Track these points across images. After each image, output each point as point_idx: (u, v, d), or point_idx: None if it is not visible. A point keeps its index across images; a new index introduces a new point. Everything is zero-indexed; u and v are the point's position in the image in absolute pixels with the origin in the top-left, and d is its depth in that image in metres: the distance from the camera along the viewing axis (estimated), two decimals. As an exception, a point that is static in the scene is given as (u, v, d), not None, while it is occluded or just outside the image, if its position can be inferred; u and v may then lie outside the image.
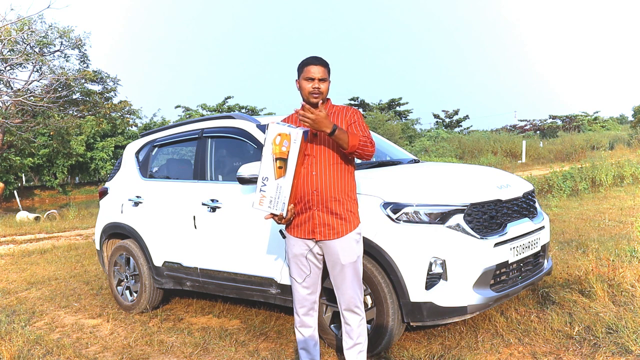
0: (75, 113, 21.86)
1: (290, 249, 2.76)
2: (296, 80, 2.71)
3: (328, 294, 3.26)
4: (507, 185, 3.52)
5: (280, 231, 2.83)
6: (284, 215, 2.59)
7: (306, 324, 2.83)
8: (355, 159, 2.72)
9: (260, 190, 2.58)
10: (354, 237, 2.68)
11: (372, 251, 3.10)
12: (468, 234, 3.05)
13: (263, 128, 3.90)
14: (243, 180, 3.44)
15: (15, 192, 25.45)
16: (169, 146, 4.94)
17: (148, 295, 4.58)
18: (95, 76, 21.02)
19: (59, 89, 18.43)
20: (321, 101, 2.66)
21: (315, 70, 2.63)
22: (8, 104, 18.48)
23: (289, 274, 2.88)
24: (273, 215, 2.63)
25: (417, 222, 3.05)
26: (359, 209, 2.81)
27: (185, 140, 4.59)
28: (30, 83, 18.27)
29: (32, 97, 17.32)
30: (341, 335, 3.23)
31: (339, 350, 3.29)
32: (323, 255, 2.73)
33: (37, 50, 18.59)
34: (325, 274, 2.82)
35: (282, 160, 2.51)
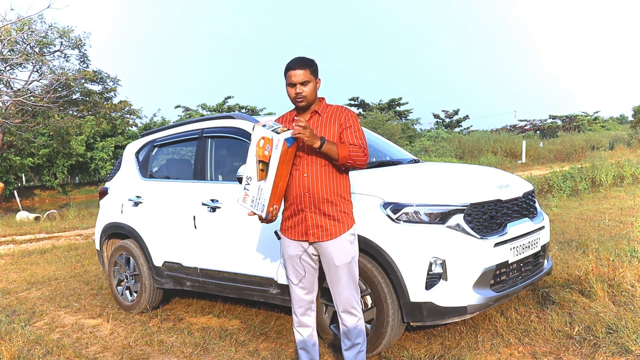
0: (75, 113, 21.86)
1: (285, 251, 2.76)
2: (285, 85, 2.71)
3: (327, 294, 3.25)
4: (507, 185, 3.52)
5: (275, 232, 2.83)
6: (263, 216, 2.59)
7: (304, 324, 2.83)
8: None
9: (244, 188, 2.60)
10: (347, 238, 2.67)
11: (372, 251, 3.10)
12: (468, 234, 3.05)
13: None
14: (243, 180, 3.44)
15: (15, 192, 25.45)
16: (169, 146, 4.94)
17: (148, 295, 4.58)
18: (95, 76, 21.01)
19: (59, 89, 18.41)
20: (305, 103, 2.64)
21: (296, 75, 2.60)
22: (8, 104, 18.48)
23: (285, 275, 2.87)
24: (254, 214, 2.64)
25: (417, 222, 3.05)
26: (359, 209, 2.81)
27: (185, 140, 4.58)
28: (30, 83, 18.27)
29: (32, 97, 17.32)
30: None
31: (339, 350, 3.28)
32: (319, 256, 2.73)
33: (37, 50, 18.58)
34: (322, 274, 2.82)
35: (264, 164, 2.49)
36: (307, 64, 2.63)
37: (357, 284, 2.74)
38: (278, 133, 2.46)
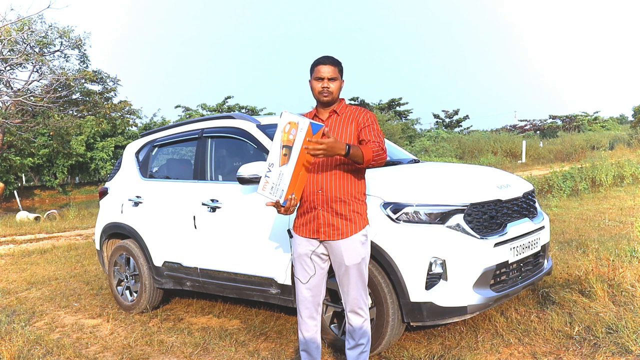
0: (75, 113, 21.84)
1: (295, 248, 2.76)
2: (309, 80, 2.73)
3: (329, 294, 3.26)
4: (507, 185, 3.52)
5: (288, 230, 2.85)
6: (281, 202, 2.53)
7: (309, 326, 2.81)
8: None
9: (266, 175, 2.58)
10: (359, 239, 2.66)
11: (372, 251, 3.09)
12: (468, 234, 3.05)
13: (263, 128, 3.90)
14: (243, 180, 3.45)
15: (15, 192, 25.46)
16: (169, 146, 4.94)
17: (148, 295, 4.58)
18: (95, 76, 21.00)
19: (59, 89, 18.40)
20: (329, 99, 2.66)
21: (325, 70, 2.65)
22: (8, 104, 18.47)
23: (292, 274, 2.86)
24: (273, 204, 2.57)
25: (417, 222, 3.05)
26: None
27: (185, 140, 4.59)
28: (30, 83, 18.27)
29: (32, 97, 17.31)
30: (341, 335, 3.23)
31: (339, 350, 3.29)
32: (328, 256, 2.73)
33: (37, 50, 18.56)
34: (328, 276, 2.82)
35: (288, 148, 2.49)
36: (336, 62, 2.69)
37: (366, 285, 2.73)
38: (303, 118, 2.47)
